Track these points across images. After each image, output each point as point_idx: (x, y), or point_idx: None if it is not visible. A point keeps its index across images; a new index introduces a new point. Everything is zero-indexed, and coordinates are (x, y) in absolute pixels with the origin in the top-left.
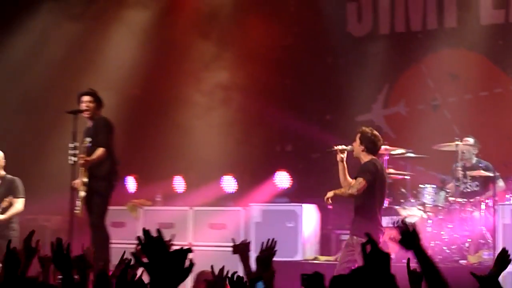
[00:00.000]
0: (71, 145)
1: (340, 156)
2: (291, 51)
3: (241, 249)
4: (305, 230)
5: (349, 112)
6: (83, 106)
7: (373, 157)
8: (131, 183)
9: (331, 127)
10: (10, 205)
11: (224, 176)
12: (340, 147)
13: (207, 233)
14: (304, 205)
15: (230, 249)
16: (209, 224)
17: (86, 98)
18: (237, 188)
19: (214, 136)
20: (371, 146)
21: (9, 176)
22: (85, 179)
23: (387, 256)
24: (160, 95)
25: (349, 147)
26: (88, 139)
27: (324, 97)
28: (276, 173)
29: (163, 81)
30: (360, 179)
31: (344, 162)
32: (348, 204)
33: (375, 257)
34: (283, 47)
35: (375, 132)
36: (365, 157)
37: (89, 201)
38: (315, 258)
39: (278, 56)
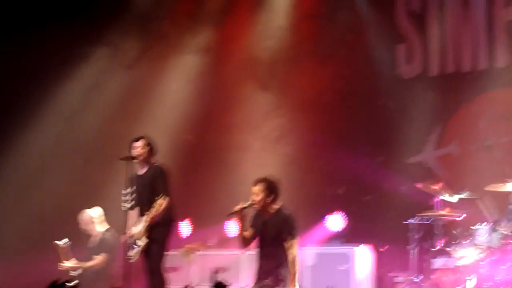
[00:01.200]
0: (124, 192)
1: (241, 216)
2: (342, 94)
3: None
4: (358, 273)
5: (401, 153)
6: (136, 152)
7: (278, 206)
8: (185, 228)
9: (382, 169)
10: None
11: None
12: (238, 207)
13: None
14: (356, 247)
15: None
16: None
17: (138, 144)
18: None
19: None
20: (277, 196)
21: (106, 233)
22: (145, 227)
23: None
24: (213, 141)
25: (248, 203)
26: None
27: (375, 139)
28: (328, 216)
29: (217, 127)
30: (295, 241)
31: (245, 220)
32: (401, 246)
33: None
34: (334, 90)
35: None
36: (273, 207)
37: (148, 247)
38: None
39: (330, 99)
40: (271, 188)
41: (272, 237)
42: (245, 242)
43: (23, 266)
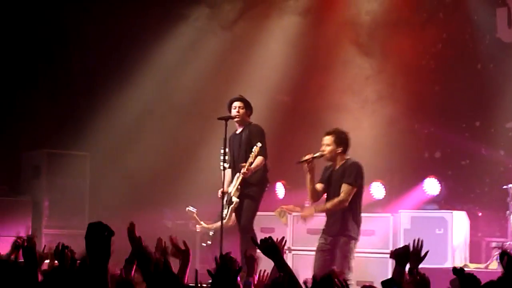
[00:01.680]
0: (222, 151)
1: (310, 166)
2: (440, 58)
3: (401, 254)
4: (455, 237)
5: (499, 118)
6: (234, 112)
7: (349, 157)
8: (280, 189)
9: (480, 133)
10: None
11: (373, 183)
12: (309, 156)
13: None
14: (454, 212)
15: (379, 255)
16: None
17: (237, 104)
18: (386, 194)
19: (363, 143)
20: (347, 147)
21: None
22: (239, 186)
23: None
24: (310, 103)
25: (318, 154)
26: (257, 146)
27: (473, 104)
28: (425, 180)
29: (315, 89)
30: (350, 187)
31: (314, 171)
32: (498, 212)
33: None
34: (432, 54)
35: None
36: (342, 159)
37: (240, 205)
38: (465, 266)
39: (428, 63)
40: (340, 139)
41: (338, 186)
42: (315, 194)
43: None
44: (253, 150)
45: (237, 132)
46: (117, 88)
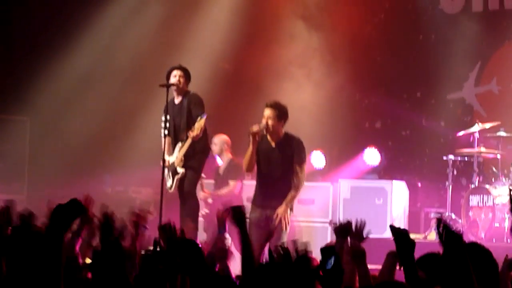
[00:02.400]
0: (163, 119)
1: (258, 138)
2: (382, 27)
3: (343, 229)
4: (394, 207)
5: (440, 90)
6: (174, 80)
7: (286, 131)
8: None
9: (421, 104)
10: None
11: (313, 152)
12: (257, 128)
13: (296, 208)
14: (393, 181)
15: (318, 224)
16: (297, 199)
17: (177, 72)
18: (326, 163)
19: (303, 112)
20: (286, 121)
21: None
22: (183, 156)
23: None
24: (253, 71)
25: (261, 125)
26: (202, 117)
27: (415, 75)
28: (365, 150)
29: (259, 58)
30: (303, 166)
31: (256, 143)
32: (437, 183)
33: (451, 238)
34: (374, 23)
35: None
36: (280, 133)
37: (184, 174)
38: None
39: (369, 32)
40: (282, 114)
41: (279, 161)
42: (252, 166)
43: (58, 192)
44: (198, 121)
45: (176, 101)
46: (58, 52)
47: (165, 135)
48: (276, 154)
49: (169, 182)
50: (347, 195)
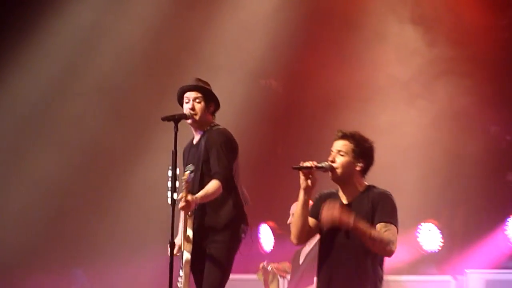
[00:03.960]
0: (169, 174)
1: (310, 179)
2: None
3: None
4: None
5: None
6: (187, 107)
7: (370, 184)
8: (266, 237)
9: None
10: None
11: (422, 225)
12: (311, 163)
13: None
14: None
15: None
16: None
17: (191, 94)
18: (443, 244)
19: (401, 155)
20: (369, 165)
21: None
22: (190, 231)
23: None
24: (314, 90)
25: (325, 164)
26: (190, 167)
27: None
28: (509, 219)
29: (321, 69)
30: (393, 227)
31: (312, 189)
32: None
33: None
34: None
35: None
36: (359, 185)
37: (198, 266)
38: None
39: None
40: (362, 150)
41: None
42: (303, 231)
43: None
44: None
45: (194, 142)
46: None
47: (173, 201)
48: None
49: (181, 272)
50: None
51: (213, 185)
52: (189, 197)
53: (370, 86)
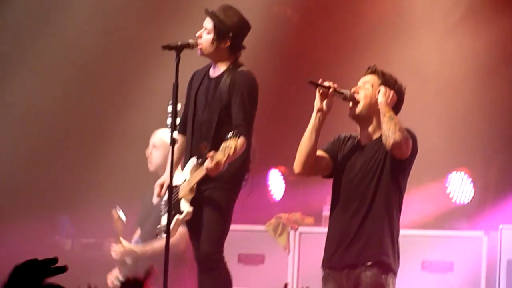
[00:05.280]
0: (169, 109)
1: (323, 101)
2: None
3: None
4: None
5: None
6: (197, 37)
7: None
8: (276, 183)
9: None
10: None
11: (452, 173)
12: (331, 83)
13: (424, 277)
14: None
15: None
16: (422, 261)
17: (205, 22)
18: (475, 195)
19: (432, 98)
20: (398, 106)
21: None
22: (195, 183)
23: None
24: (338, 19)
25: (346, 91)
26: (235, 136)
27: None
28: None
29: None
30: (410, 139)
31: (326, 114)
32: None
33: None
34: None
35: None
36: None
37: (197, 216)
38: None
39: None
40: (390, 86)
41: (366, 174)
42: (310, 159)
43: None
44: (228, 140)
45: (211, 74)
46: None
47: (173, 140)
48: (368, 161)
49: (163, 220)
50: None
51: (240, 143)
52: (222, 160)
53: (399, 20)
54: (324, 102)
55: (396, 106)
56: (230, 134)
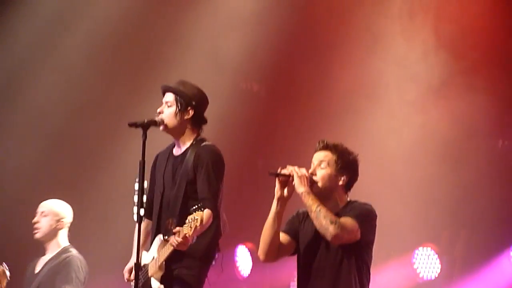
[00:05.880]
0: (136, 186)
1: (283, 189)
2: None
3: None
4: None
5: None
6: (161, 114)
7: (352, 200)
8: (243, 260)
9: None
10: None
11: (418, 249)
12: (291, 169)
13: None
14: None
15: None
16: None
17: (166, 97)
18: (441, 271)
19: (399, 168)
20: (352, 180)
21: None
22: (163, 260)
23: None
24: (303, 90)
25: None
26: (199, 210)
27: None
28: None
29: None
30: (354, 222)
31: (287, 200)
32: None
33: None
34: None
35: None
36: (340, 200)
37: None
38: None
39: None
40: (345, 163)
41: (334, 255)
42: (273, 246)
43: None
44: (194, 214)
45: (175, 153)
46: None
47: (140, 218)
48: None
49: None
50: None
51: (206, 216)
52: (188, 233)
53: (364, 91)
54: (285, 189)
55: (351, 179)
56: (195, 207)
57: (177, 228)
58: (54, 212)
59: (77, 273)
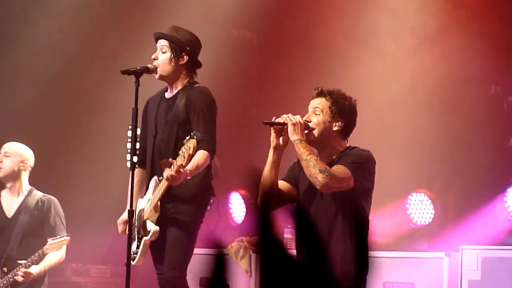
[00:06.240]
0: (129, 133)
1: (279, 138)
2: None
3: None
4: None
5: None
6: (155, 59)
7: (352, 146)
8: (237, 206)
9: None
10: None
11: (412, 195)
12: (283, 119)
13: None
14: None
15: None
16: (383, 283)
17: (162, 43)
18: (435, 216)
19: (392, 114)
20: (350, 126)
21: (42, 195)
22: (158, 201)
23: None
24: (295, 41)
25: (298, 118)
26: (194, 137)
27: None
28: (508, 190)
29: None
30: (346, 170)
31: (283, 149)
32: None
33: None
34: None
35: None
36: (338, 146)
37: (162, 237)
38: None
39: None
40: (341, 109)
41: (326, 196)
42: (273, 193)
43: None
44: (186, 143)
45: (167, 96)
46: None
47: (133, 165)
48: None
49: (134, 245)
50: (477, 275)
51: (203, 156)
52: (180, 161)
53: (359, 40)
54: (280, 138)
55: (348, 125)
56: (188, 137)
57: (170, 159)
58: (19, 153)
59: (61, 215)
